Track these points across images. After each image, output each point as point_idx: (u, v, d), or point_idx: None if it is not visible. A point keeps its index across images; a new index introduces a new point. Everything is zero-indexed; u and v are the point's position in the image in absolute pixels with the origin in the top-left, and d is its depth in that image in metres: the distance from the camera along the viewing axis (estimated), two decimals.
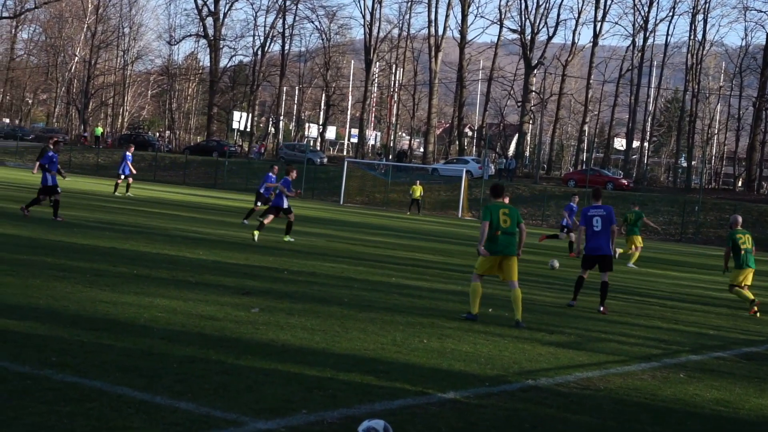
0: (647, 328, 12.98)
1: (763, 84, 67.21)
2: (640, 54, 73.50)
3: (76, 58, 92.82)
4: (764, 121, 69.69)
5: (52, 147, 22.25)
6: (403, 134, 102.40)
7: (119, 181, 36.23)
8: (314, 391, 7.24)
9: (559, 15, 76.76)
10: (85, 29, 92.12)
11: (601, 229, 13.97)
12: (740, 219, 16.97)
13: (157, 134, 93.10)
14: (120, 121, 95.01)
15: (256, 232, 20.99)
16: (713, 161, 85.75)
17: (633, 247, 26.03)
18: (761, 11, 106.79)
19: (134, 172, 36.03)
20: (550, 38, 75.75)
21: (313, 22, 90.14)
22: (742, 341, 12.67)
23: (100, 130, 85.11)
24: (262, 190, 27.44)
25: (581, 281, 14.39)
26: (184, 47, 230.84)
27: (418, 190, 50.54)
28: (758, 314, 15.77)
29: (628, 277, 21.96)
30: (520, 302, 11.90)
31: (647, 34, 73.88)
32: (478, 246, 12.05)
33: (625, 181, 62.79)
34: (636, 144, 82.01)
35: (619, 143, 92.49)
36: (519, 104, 76.56)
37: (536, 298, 15.15)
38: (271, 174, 26.98)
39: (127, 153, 35.02)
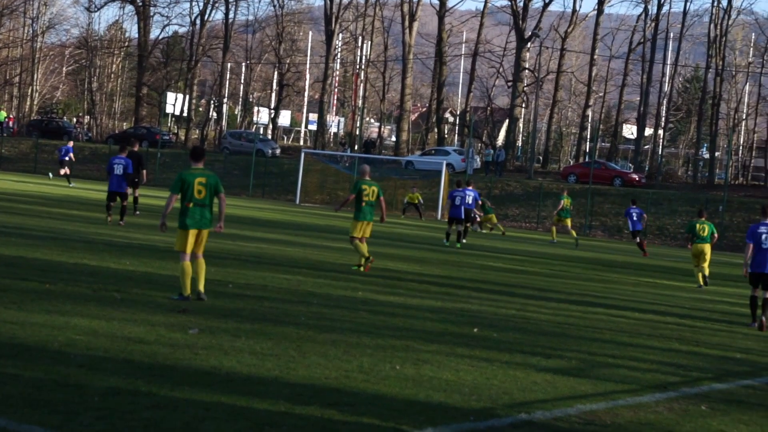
0: (662, 351, 13.08)
1: None
2: (653, 24, 73.94)
3: None
4: None
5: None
6: (372, 120, 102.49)
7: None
8: (265, 427, 7.23)
9: None
10: None
11: None
12: (368, 168, 21.67)
13: (74, 120, 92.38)
14: (28, 103, 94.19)
15: None
16: (740, 152, 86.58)
17: None
18: None
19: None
20: (546, 5, 75.98)
21: None
22: None
23: (3, 114, 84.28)
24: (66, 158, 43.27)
25: (754, 300, 16.68)
26: (106, 15, 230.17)
27: (415, 198, 51.93)
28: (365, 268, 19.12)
29: (639, 291, 22.11)
30: (204, 272, 13.18)
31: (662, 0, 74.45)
32: (161, 220, 13.46)
33: (636, 176, 63.19)
34: (649, 132, 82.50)
35: (629, 131, 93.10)
36: (509, 84, 76.77)
37: (530, 315, 15.21)
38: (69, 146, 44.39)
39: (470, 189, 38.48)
